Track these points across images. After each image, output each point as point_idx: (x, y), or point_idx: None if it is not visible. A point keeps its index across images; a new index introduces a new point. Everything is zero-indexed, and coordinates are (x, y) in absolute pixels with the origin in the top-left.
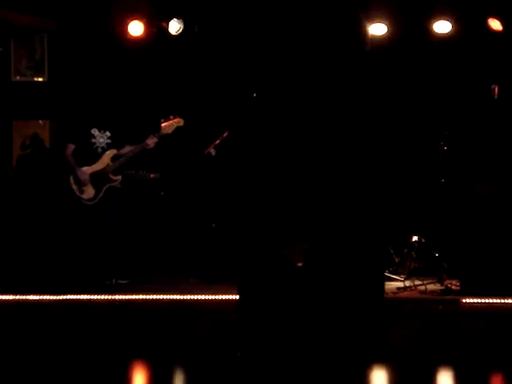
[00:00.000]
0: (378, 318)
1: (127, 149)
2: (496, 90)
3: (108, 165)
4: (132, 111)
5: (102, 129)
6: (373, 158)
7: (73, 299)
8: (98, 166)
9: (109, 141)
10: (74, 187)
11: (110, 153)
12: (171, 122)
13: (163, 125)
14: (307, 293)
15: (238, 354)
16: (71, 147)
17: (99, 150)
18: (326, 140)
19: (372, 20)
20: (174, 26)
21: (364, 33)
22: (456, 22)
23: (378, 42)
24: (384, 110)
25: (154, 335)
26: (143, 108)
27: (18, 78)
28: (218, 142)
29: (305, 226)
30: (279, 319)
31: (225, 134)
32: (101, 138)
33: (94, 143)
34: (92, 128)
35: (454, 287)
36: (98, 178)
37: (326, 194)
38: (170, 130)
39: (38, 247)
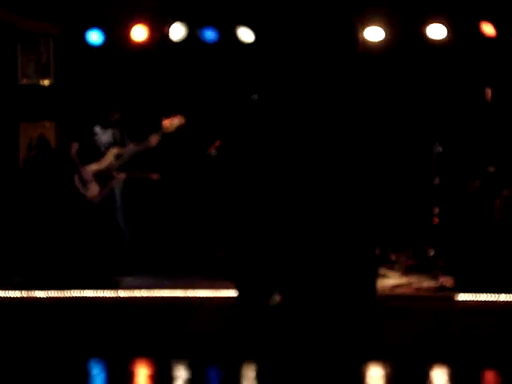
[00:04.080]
0: (372, 315)
1: (130, 147)
2: (489, 93)
3: (111, 163)
4: (135, 111)
5: (104, 127)
6: (367, 157)
7: (77, 296)
8: (101, 164)
9: (111, 139)
10: (79, 185)
11: (113, 151)
12: (173, 120)
13: (165, 123)
14: (301, 290)
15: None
16: (75, 146)
17: (102, 147)
18: (321, 142)
19: (367, 24)
20: (177, 31)
21: (356, 35)
22: (450, 27)
23: (374, 46)
24: (380, 113)
25: (156, 332)
26: (146, 107)
27: (24, 81)
28: (218, 143)
29: (299, 226)
30: (276, 316)
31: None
32: (103, 135)
33: (97, 141)
34: (95, 126)
35: (448, 284)
36: (101, 176)
37: (319, 192)
38: (171, 129)
39: (43, 245)
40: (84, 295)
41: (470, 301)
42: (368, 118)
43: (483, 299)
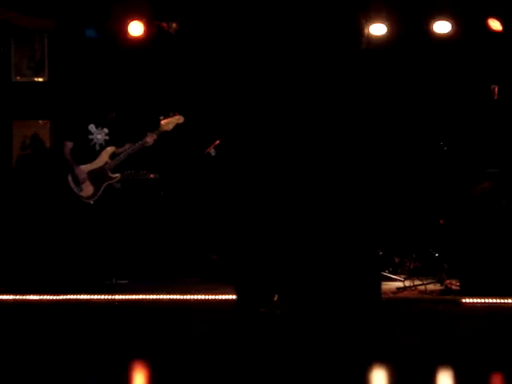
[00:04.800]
0: (376, 319)
1: (126, 146)
2: (496, 90)
3: (107, 162)
4: (131, 109)
5: (99, 125)
6: (370, 156)
7: (72, 299)
8: (96, 164)
9: (106, 137)
10: (73, 185)
11: (108, 150)
12: (171, 119)
13: (162, 122)
14: (303, 292)
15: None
16: (69, 145)
17: (97, 146)
18: (324, 139)
19: (372, 20)
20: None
21: (360, 31)
22: (456, 23)
23: (378, 42)
24: (384, 110)
25: (153, 335)
26: (143, 106)
27: (18, 78)
28: (217, 142)
29: (301, 227)
30: (277, 319)
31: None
32: (98, 134)
33: (92, 140)
34: (89, 124)
35: (453, 287)
36: (96, 176)
37: (322, 195)
38: (169, 127)
39: (37, 247)
40: (79, 298)
41: (475, 303)
42: (371, 118)
43: (489, 302)
